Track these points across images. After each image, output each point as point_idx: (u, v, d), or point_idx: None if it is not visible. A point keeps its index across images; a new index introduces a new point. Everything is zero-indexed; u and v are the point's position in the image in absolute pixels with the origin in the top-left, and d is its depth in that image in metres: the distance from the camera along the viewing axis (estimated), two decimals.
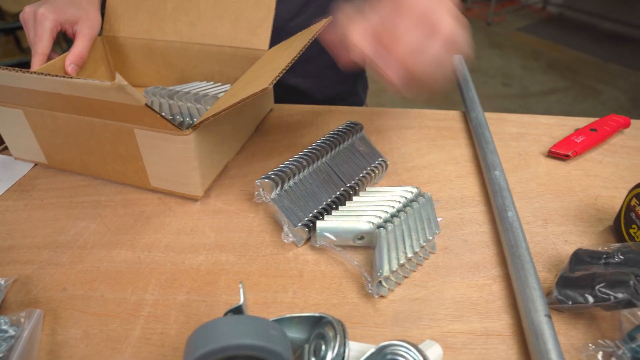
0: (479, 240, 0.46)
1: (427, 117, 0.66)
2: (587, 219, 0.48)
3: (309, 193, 0.48)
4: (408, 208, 0.45)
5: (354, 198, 0.47)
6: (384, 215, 0.44)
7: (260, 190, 0.49)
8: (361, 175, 0.51)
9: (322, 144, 0.53)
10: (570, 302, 0.36)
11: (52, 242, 0.47)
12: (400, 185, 0.48)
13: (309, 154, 0.52)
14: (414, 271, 0.43)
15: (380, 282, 0.40)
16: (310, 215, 0.46)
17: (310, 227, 0.45)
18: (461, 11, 0.37)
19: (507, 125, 0.64)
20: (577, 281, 0.37)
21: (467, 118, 0.66)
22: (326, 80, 0.79)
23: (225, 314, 0.32)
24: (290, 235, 0.45)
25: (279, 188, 0.47)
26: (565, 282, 0.38)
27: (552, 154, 0.56)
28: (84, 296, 0.42)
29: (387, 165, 0.54)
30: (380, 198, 0.47)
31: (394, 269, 0.40)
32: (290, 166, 0.49)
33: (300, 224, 0.45)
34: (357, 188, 0.50)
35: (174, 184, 0.52)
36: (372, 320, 0.39)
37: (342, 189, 0.49)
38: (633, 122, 0.62)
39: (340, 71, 0.79)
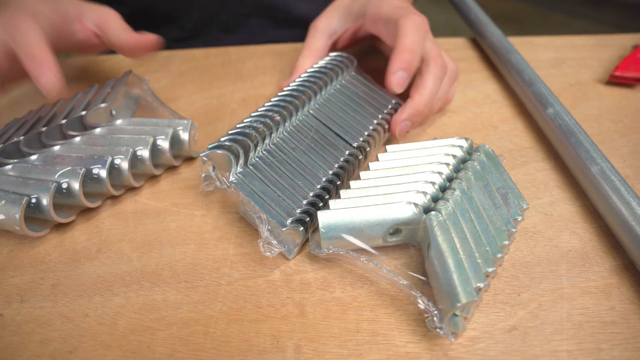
0: (568, 212, 0.30)
1: None
2: None
3: (296, 166, 0.29)
4: (465, 173, 0.27)
5: (371, 165, 0.29)
6: (431, 189, 0.26)
7: (210, 169, 0.29)
8: (371, 128, 0.32)
9: (301, 87, 0.33)
10: None
11: None
12: (436, 139, 0.30)
13: (282, 103, 0.32)
14: (493, 277, 0.26)
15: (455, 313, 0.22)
16: (305, 202, 0.27)
17: (308, 223, 0.26)
18: None
19: (537, 50, 0.47)
20: None
21: (478, 46, 0.48)
22: (323, 3, 0.58)
23: None
24: (275, 242, 0.26)
25: (241, 162, 0.27)
26: None
27: (616, 80, 0.41)
28: None
29: None
30: (414, 161, 0.28)
31: (482, 285, 0.22)
32: (255, 124, 0.30)
33: (290, 221, 0.26)
34: (368, 148, 0.31)
35: None
36: None
37: (347, 153, 0.30)
38: None
39: None
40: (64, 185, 0.28)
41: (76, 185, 0.28)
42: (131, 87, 0.39)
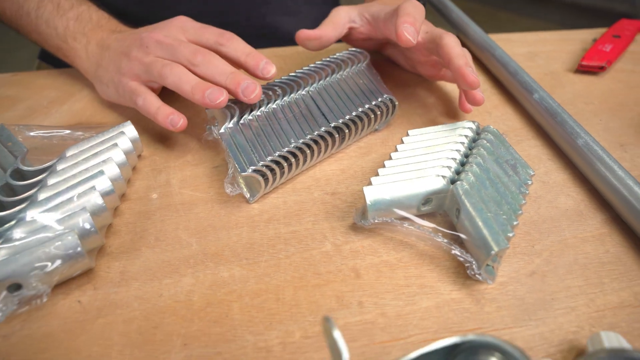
0: (561, 179, 0.35)
1: None
2: None
3: (275, 130, 0.34)
4: (477, 150, 0.32)
5: (399, 147, 0.33)
6: (453, 164, 0.31)
7: (214, 123, 0.35)
8: (354, 114, 0.36)
9: (307, 71, 0.39)
10: None
11: None
12: (446, 124, 0.35)
13: (286, 81, 0.38)
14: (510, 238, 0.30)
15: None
16: (269, 159, 0.32)
17: (268, 177, 0.32)
18: None
19: (513, 46, 0.53)
20: None
21: (461, 42, 0.54)
22: (305, 19, 0.62)
23: None
24: (240, 184, 0.33)
25: (233, 120, 0.33)
26: None
27: (583, 68, 0.47)
28: None
29: (394, 105, 0.39)
30: (434, 141, 0.33)
31: (511, 235, 0.27)
32: None
33: (250, 169, 0.31)
34: (346, 131, 0.36)
35: None
36: (491, 322, 0.26)
37: (322, 129, 0.35)
38: None
39: (318, 7, 0.63)
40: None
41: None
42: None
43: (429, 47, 0.38)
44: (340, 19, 0.42)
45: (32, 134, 0.38)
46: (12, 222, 0.28)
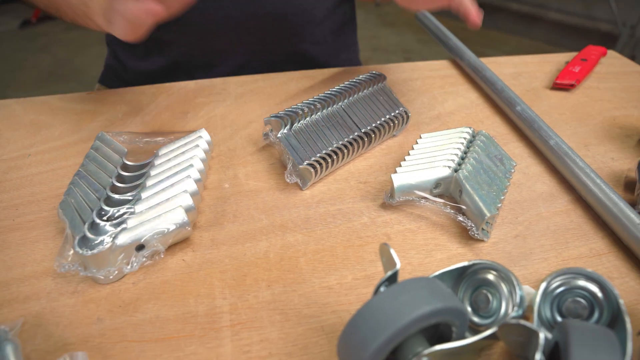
0: (538, 171, 0.46)
1: (424, 69, 0.64)
2: (617, 137, 0.50)
3: (320, 135, 0.44)
4: (473, 148, 0.42)
5: (414, 146, 0.43)
6: (456, 158, 0.41)
7: (269, 130, 0.45)
8: (378, 122, 0.47)
9: (339, 90, 0.49)
10: None
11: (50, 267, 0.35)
12: (449, 129, 0.46)
13: (323, 97, 0.48)
14: (499, 208, 0.41)
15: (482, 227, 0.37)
16: (318, 155, 0.42)
17: (317, 169, 0.42)
18: None
19: (501, 67, 0.65)
20: None
21: (457, 65, 0.65)
22: (329, 47, 0.73)
23: (379, 287, 0.26)
24: (294, 175, 0.43)
25: (287, 127, 0.43)
26: None
27: (557, 86, 0.58)
28: (131, 322, 0.32)
29: (408, 116, 0.50)
30: (441, 142, 0.43)
31: (499, 205, 0.37)
32: (302, 107, 0.45)
33: (305, 162, 0.41)
34: (373, 136, 0.46)
35: None
36: None
37: (355, 134, 0.45)
38: (609, 51, 0.67)
39: (340, 38, 0.74)
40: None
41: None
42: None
43: None
44: None
45: (121, 138, 0.48)
46: (133, 201, 0.38)
